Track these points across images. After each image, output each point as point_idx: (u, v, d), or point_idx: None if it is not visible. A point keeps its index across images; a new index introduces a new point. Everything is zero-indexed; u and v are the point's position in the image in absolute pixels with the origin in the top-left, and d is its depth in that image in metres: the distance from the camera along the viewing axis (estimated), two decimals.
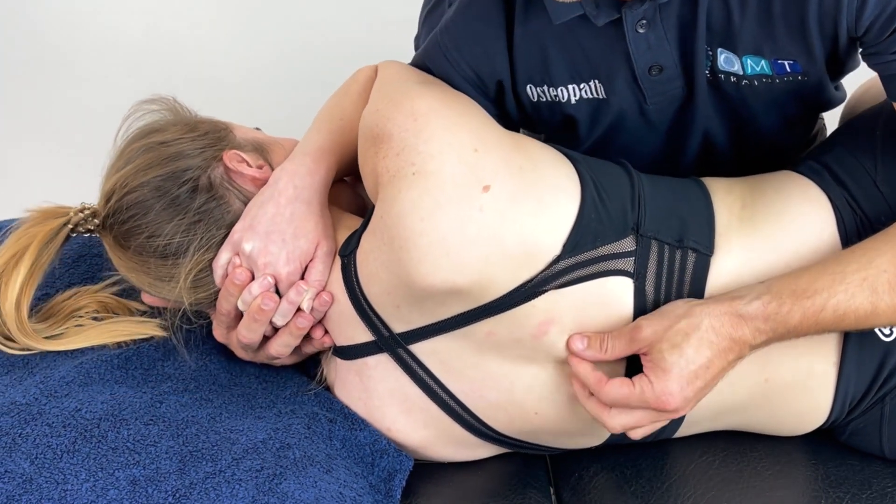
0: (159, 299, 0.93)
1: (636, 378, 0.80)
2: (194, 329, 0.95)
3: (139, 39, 1.85)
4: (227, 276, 0.89)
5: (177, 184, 0.88)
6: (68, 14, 1.89)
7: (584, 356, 0.84)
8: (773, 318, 0.78)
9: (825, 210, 0.87)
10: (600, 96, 0.93)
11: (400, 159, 0.79)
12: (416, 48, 1.02)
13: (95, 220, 0.92)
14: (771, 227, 0.87)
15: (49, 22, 1.89)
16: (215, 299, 0.91)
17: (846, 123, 1.01)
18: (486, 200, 0.79)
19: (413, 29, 1.04)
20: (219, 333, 0.94)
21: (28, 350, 0.91)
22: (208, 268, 0.90)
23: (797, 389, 0.89)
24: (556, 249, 0.82)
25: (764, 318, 0.78)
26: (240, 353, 0.95)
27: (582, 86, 0.93)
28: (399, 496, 0.89)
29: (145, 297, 0.95)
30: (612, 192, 0.85)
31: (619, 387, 0.80)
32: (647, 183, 0.89)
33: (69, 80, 1.91)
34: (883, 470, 0.91)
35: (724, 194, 0.91)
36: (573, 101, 0.94)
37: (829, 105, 0.97)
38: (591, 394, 0.83)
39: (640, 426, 0.82)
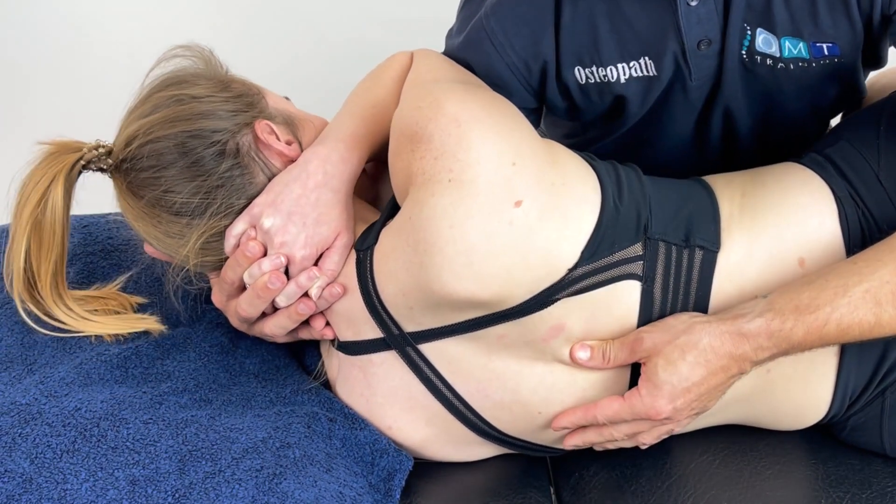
0: (163, 254, 0.92)
1: (628, 393, 0.82)
2: (194, 316, 0.95)
3: (139, 40, 1.85)
4: (238, 246, 0.88)
5: (203, 144, 0.86)
6: (69, 15, 1.89)
7: (587, 366, 0.85)
8: (776, 335, 0.78)
9: (827, 201, 0.88)
10: (651, 73, 0.94)
11: (438, 164, 0.79)
12: (448, 39, 1.02)
13: (109, 160, 0.89)
14: (774, 217, 0.87)
15: (49, 23, 1.89)
16: (221, 265, 0.90)
17: (850, 117, 1.01)
18: (517, 215, 0.79)
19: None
20: (218, 300, 0.94)
21: (47, 318, 0.89)
22: (221, 234, 0.88)
23: (798, 381, 0.89)
24: (575, 258, 0.82)
25: (767, 335, 0.78)
26: (234, 323, 0.94)
27: (632, 64, 0.93)
28: (398, 496, 0.89)
29: (148, 249, 0.93)
30: (628, 197, 0.86)
31: (610, 404, 0.83)
32: (652, 185, 0.89)
33: (69, 82, 1.91)
34: (883, 469, 0.91)
35: (724, 187, 0.91)
36: (623, 79, 0.94)
37: (859, 93, 0.97)
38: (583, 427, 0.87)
39: (640, 431, 0.85)
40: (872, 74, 1.07)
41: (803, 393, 0.91)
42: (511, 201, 0.78)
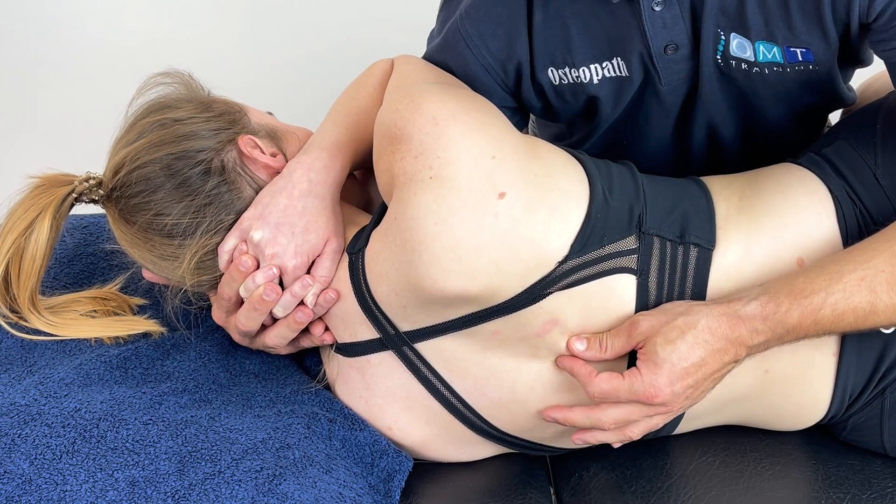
0: (160, 277, 0.93)
1: (627, 372, 0.81)
2: (194, 320, 0.95)
3: (140, 41, 1.85)
4: (231, 261, 0.89)
5: (189, 164, 0.88)
6: (70, 16, 1.89)
7: (584, 357, 0.84)
8: (771, 317, 0.78)
9: (825, 202, 0.88)
10: (623, 74, 0.94)
11: (418, 162, 0.79)
12: (429, 42, 1.03)
13: (100, 191, 0.91)
14: (771, 219, 0.87)
15: (50, 24, 1.89)
16: (217, 283, 0.91)
17: (847, 117, 1.01)
18: (502, 207, 0.79)
19: (422, 29, 1.05)
20: (218, 316, 0.94)
21: (28, 327, 0.90)
22: (214, 251, 0.89)
23: (797, 381, 0.89)
24: (565, 251, 0.82)
25: (762, 318, 0.78)
26: (236, 338, 0.95)
27: (605, 64, 0.94)
28: (398, 496, 0.89)
29: (146, 274, 0.94)
30: (619, 191, 0.86)
31: (609, 379, 0.81)
32: (648, 182, 0.89)
33: (70, 83, 1.91)
34: (883, 470, 0.91)
35: (722, 188, 0.91)
36: (596, 80, 0.95)
37: (839, 101, 0.97)
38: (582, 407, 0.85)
39: (631, 419, 0.83)
40: (866, 78, 1.07)
41: (802, 393, 0.91)
42: (494, 194, 0.79)
